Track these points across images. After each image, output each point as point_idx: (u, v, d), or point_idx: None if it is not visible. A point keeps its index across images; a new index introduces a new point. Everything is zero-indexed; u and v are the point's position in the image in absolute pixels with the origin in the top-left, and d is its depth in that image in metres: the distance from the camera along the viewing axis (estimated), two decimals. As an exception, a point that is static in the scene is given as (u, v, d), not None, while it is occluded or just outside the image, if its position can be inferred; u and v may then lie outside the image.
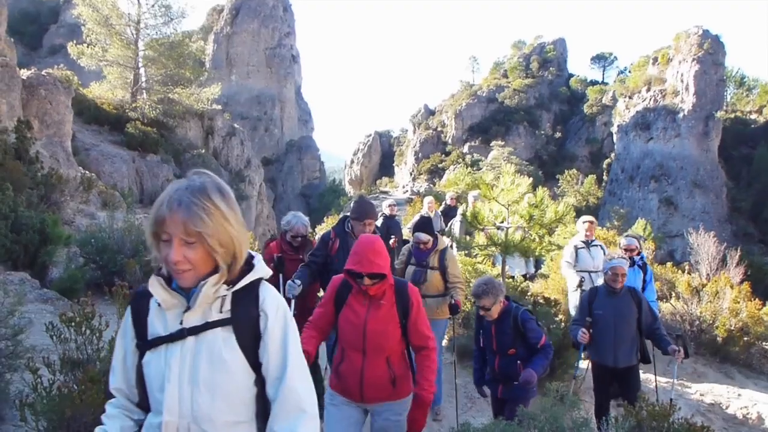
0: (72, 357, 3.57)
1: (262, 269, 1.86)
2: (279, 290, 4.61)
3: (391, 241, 11.09)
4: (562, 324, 7.69)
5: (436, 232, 6.22)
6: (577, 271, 7.76)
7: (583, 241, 7.94)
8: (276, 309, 1.83)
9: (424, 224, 6.19)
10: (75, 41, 26.54)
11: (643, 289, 6.97)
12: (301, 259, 5.68)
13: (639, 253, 7.42)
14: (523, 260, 10.30)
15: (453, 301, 5.66)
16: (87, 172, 16.52)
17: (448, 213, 12.97)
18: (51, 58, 50.72)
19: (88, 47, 25.59)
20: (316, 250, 5.35)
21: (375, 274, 3.22)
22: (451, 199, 13.84)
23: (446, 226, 12.27)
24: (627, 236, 7.88)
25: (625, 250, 7.28)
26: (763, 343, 9.72)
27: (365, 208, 5.18)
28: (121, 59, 26.29)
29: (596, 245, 8.03)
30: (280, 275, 5.38)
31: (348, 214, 5.43)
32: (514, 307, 4.67)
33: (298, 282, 4.91)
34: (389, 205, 11.30)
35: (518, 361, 4.51)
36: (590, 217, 8.19)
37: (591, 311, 5.48)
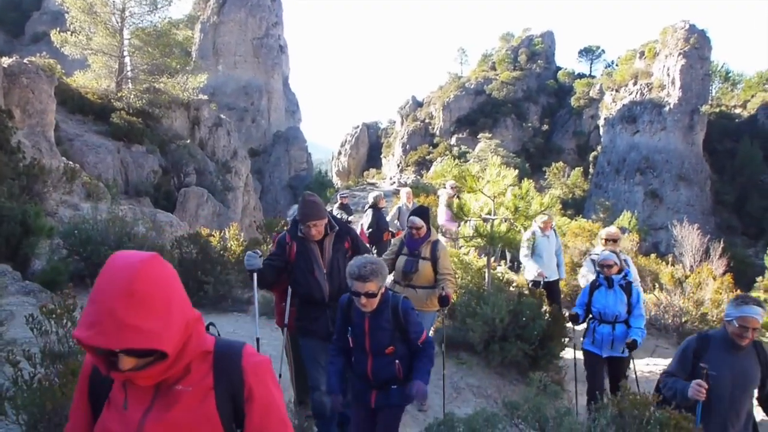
0: (53, 350, 3.54)
1: None
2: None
3: (384, 235, 11.14)
4: (547, 315, 7.73)
5: (430, 224, 6.18)
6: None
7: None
8: None
9: (420, 210, 6.23)
10: (58, 29, 26.15)
11: (629, 312, 5.96)
12: None
13: (621, 271, 6.16)
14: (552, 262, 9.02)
15: (443, 293, 5.59)
16: (70, 162, 16.34)
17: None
18: (33, 45, 50.01)
19: (71, 35, 25.24)
20: (273, 254, 4.60)
21: (137, 350, 1.48)
22: (452, 188, 13.87)
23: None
24: (604, 252, 6.44)
25: (601, 266, 6.13)
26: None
27: (308, 209, 4.34)
28: (106, 48, 25.96)
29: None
30: None
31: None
32: (391, 295, 3.72)
33: (259, 252, 4.41)
34: (377, 198, 11.33)
35: (396, 361, 3.69)
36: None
37: (696, 366, 3.89)
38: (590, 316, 6.22)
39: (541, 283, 8.41)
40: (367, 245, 7.88)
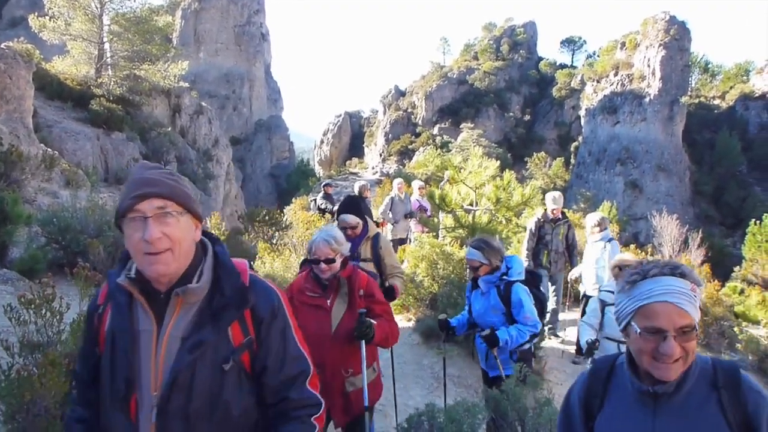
0: (32, 340, 3.51)
1: None
2: None
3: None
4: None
5: (366, 216, 5.32)
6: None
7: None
8: None
9: (351, 204, 5.26)
10: (36, 14, 25.73)
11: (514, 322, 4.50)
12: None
13: (495, 270, 4.60)
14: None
15: (388, 284, 5.09)
16: (49, 149, 16.13)
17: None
18: (11, 30, 49.15)
19: (50, 20, 24.84)
20: None
21: None
22: (420, 188, 13.83)
23: None
24: (469, 250, 4.73)
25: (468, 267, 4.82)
26: (722, 322, 10.02)
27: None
28: (85, 33, 25.57)
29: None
30: None
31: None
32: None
33: None
34: (362, 188, 11.31)
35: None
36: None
37: None
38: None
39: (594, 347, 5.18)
40: None
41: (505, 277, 4.50)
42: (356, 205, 5.19)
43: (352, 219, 5.05)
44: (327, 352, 3.33)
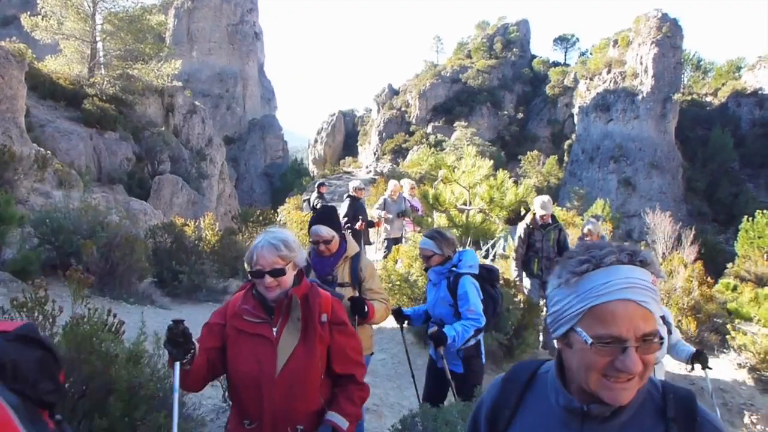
0: (25, 342, 3.48)
1: None
2: None
3: (358, 224, 11.13)
4: (521, 305, 7.82)
5: (343, 231, 4.34)
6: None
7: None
8: None
9: (326, 214, 4.28)
10: (29, 13, 25.62)
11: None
12: None
13: (447, 260, 4.60)
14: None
15: (356, 296, 4.08)
16: (42, 149, 16.06)
17: None
18: (3, 29, 48.79)
19: (42, 19, 24.73)
20: None
21: None
22: (411, 188, 13.80)
23: None
24: (423, 239, 4.76)
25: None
26: (715, 319, 10.06)
27: None
28: (78, 33, 25.46)
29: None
30: None
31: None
32: None
33: None
34: (356, 188, 11.31)
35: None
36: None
37: None
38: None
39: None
40: None
41: (454, 268, 4.39)
42: (331, 216, 4.24)
43: (325, 231, 4.02)
44: (268, 399, 2.47)
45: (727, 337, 9.04)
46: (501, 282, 8.32)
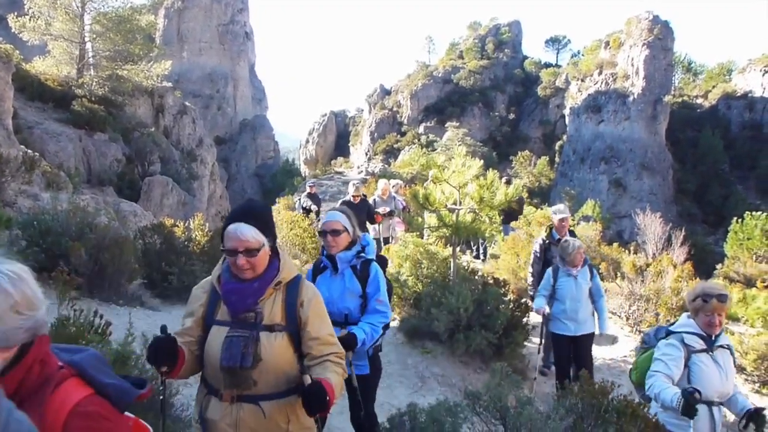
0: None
1: None
2: None
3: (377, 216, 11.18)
4: (511, 304, 7.84)
5: (276, 244, 2.75)
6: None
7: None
8: None
9: (254, 209, 2.68)
10: (16, 13, 25.44)
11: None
12: None
13: (352, 244, 4.14)
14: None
15: (313, 379, 2.47)
16: (30, 151, 15.97)
17: None
18: (-9, 30, 48.59)
19: (30, 20, 24.58)
20: None
21: None
22: (401, 187, 13.82)
23: None
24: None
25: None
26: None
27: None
28: (66, 33, 25.32)
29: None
30: None
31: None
32: None
33: None
34: (355, 187, 11.39)
35: None
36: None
37: None
38: None
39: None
40: None
41: (362, 254, 4.02)
42: (266, 217, 2.71)
43: (250, 234, 2.55)
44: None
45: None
46: (490, 282, 8.37)
